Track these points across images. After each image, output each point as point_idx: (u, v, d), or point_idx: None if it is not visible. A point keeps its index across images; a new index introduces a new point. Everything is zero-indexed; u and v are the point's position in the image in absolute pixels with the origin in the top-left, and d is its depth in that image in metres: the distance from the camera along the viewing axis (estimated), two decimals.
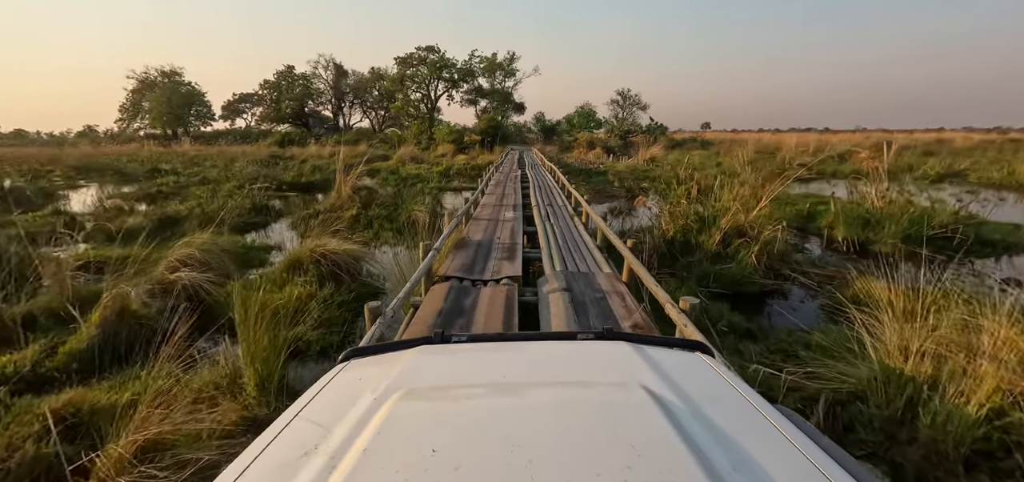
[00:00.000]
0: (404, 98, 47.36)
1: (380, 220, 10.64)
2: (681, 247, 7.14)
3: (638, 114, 48.98)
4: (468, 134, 39.88)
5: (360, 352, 1.23)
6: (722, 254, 6.81)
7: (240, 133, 57.91)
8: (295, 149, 37.43)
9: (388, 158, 30.38)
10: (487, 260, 5.72)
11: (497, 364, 1.11)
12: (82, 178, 24.24)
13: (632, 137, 42.39)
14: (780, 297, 6.30)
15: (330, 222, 10.71)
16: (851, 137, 41.40)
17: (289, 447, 0.77)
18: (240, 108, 63.56)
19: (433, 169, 23.59)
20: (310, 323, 4.89)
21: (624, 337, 1.21)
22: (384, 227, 10.24)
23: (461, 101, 49.91)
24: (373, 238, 9.73)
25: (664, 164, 23.07)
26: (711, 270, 6.43)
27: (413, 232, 10.33)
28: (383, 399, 0.86)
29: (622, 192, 16.78)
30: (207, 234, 8.09)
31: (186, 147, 41.99)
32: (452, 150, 35.46)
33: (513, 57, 47.73)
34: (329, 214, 11.19)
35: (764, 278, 6.36)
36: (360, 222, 10.61)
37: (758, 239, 6.62)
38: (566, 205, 10.52)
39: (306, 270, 6.04)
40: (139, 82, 57.82)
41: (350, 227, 10.50)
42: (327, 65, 56.81)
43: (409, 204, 11.14)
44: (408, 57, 46.37)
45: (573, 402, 0.85)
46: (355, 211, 11.05)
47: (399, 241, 9.77)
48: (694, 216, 7.43)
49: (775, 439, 0.77)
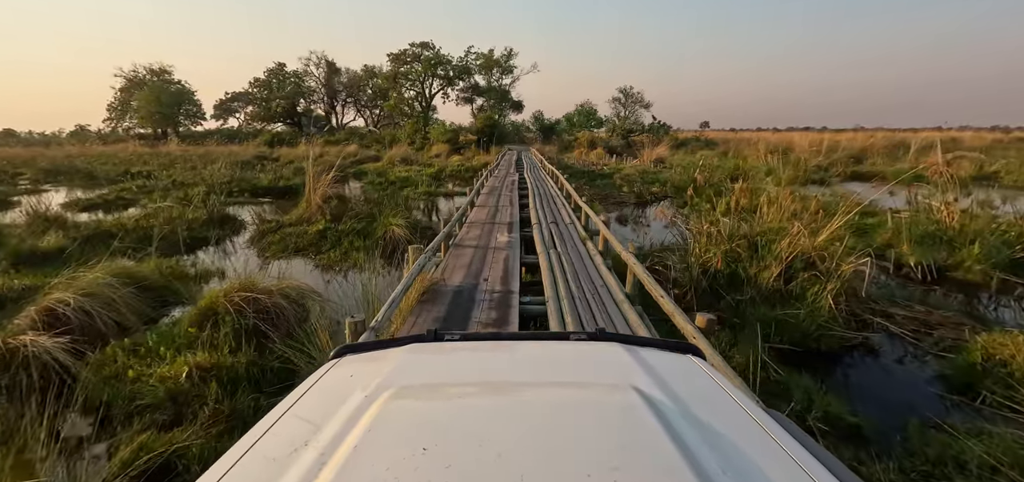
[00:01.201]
0: (397, 96, 45.54)
1: (351, 236, 8.97)
2: (727, 280, 5.50)
3: (641, 112, 47.27)
4: (463, 134, 38.11)
5: (352, 348, 1.21)
6: (783, 292, 5.18)
7: (229, 133, 56.28)
8: (284, 149, 35.87)
9: (380, 158, 28.75)
10: (466, 323, 4.04)
11: (490, 363, 1.11)
12: (50, 181, 22.74)
13: (634, 136, 40.74)
14: (867, 353, 4.65)
15: (293, 238, 9.08)
16: (854, 136, 39.71)
17: (279, 443, 0.76)
18: (233, 107, 61.61)
19: (424, 171, 21.88)
20: (202, 421, 3.25)
21: (617, 338, 1.20)
22: (355, 245, 8.57)
23: (457, 99, 48.09)
24: (340, 260, 8.06)
25: (674, 166, 21.43)
26: (771, 316, 4.80)
27: (392, 251, 8.69)
28: (374, 396, 0.85)
29: (631, 197, 15.07)
30: (121, 263, 6.45)
31: (172, 147, 40.60)
32: (447, 150, 33.73)
33: (511, 54, 45.92)
34: (293, 228, 9.53)
35: (845, 328, 4.72)
36: (328, 238, 8.94)
37: (833, 273, 4.98)
38: (575, 223, 8.40)
39: (222, 322, 4.38)
40: (127, 81, 56.18)
41: (316, 244, 8.84)
42: (319, 62, 55.02)
43: (386, 217, 9.45)
44: (402, 54, 44.53)
45: (565, 402, 0.84)
46: (323, 226, 9.38)
47: (371, 261, 8.11)
48: (742, 239, 5.77)
49: (766, 443, 0.76)
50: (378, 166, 25.01)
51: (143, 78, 56.62)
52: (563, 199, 11.27)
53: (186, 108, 59.34)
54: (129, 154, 33.05)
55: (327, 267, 7.88)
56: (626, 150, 36.28)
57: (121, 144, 45.25)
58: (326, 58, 54.75)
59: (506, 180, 15.36)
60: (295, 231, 9.29)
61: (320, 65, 55.09)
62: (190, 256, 8.64)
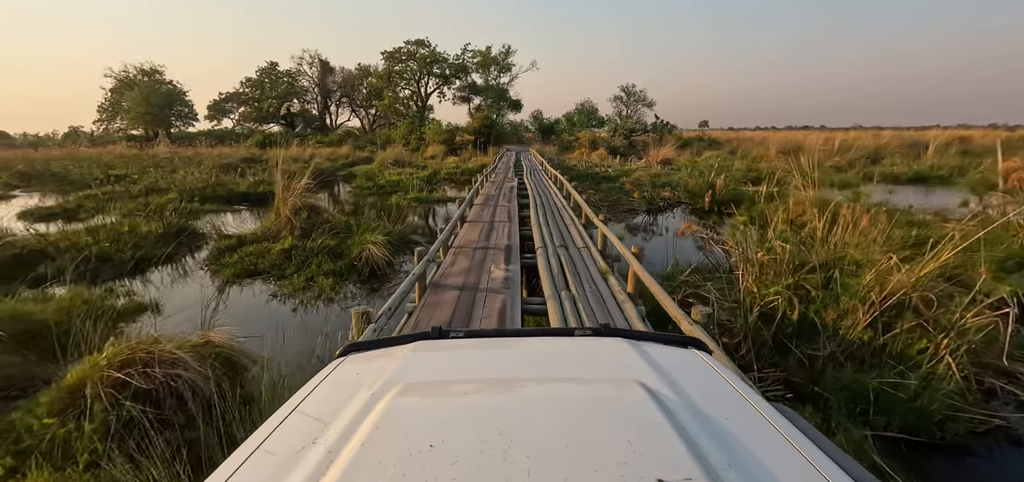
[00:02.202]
0: (391, 96, 44.09)
1: (321, 256, 7.61)
2: (794, 327, 4.15)
3: (643, 111, 45.87)
4: (460, 134, 36.68)
5: (357, 347, 1.20)
6: (874, 347, 3.85)
7: (222, 134, 54.97)
8: (276, 151, 34.51)
9: (372, 160, 27.36)
10: None
11: (494, 360, 1.10)
12: (23, 186, 21.47)
13: (636, 136, 39.37)
14: (1007, 443, 3.32)
15: (253, 259, 7.72)
16: (860, 135, 38.29)
17: (287, 441, 0.76)
18: (227, 108, 60.24)
19: (417, 175, 20.48)
20: None
21: (621, 333, 1.19)
22: (324, 267, 7.21)
23: (453, 98, 46.67)
24: (302, 289, 6.71)
25: (683, 167, 20.05)
26: (864, 382, 3.47)
27: (370, 274, 7.34)
28: (381, 394, 0.85)
29: (641, 204, 13.65)
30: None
31: (160, 149, 39.44)
32: (443, 151, 32.33)
33: (509, 51, 44.52)
34: (255, 247, 8.17)
35: (974, 405, 3.38)
36: (293, 259, 7.58)
37: (951, 324, 3.64)
38: (590, 246, 6.62)
39: (91, 415, 3.03)
40: (118, 81, 54.91)
41: (279, 266, 7.49)
42: (312, 61, 53.54)
43: (361, 233, 8.09)
44: (396, 51, 43.12)
45: (570, 398, 0.83)
46: (290, 243, 8.02)
47: (340, 290, 6.76)
48: (810, 272, 4.41)
49: (772, 436, 0.75)
50: (368, 169, 23.64)
51: (133, 78, 55.46)
52: (570, 212, 9.80)
53: (177, 109, 58.03)
54: (112, 157, 31.70)
55: (289, 296, 6.54)
56: (629, 150, 34.92)
57: (109, 146, 44.13)
58: (320, 56, 53.29)
59: (503, 186, 13.92)
60: (256, 250, 7.93)
61: (313, 64, 53.63)
62: (130, 281, 7.29)
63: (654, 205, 13.42)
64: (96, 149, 40.20)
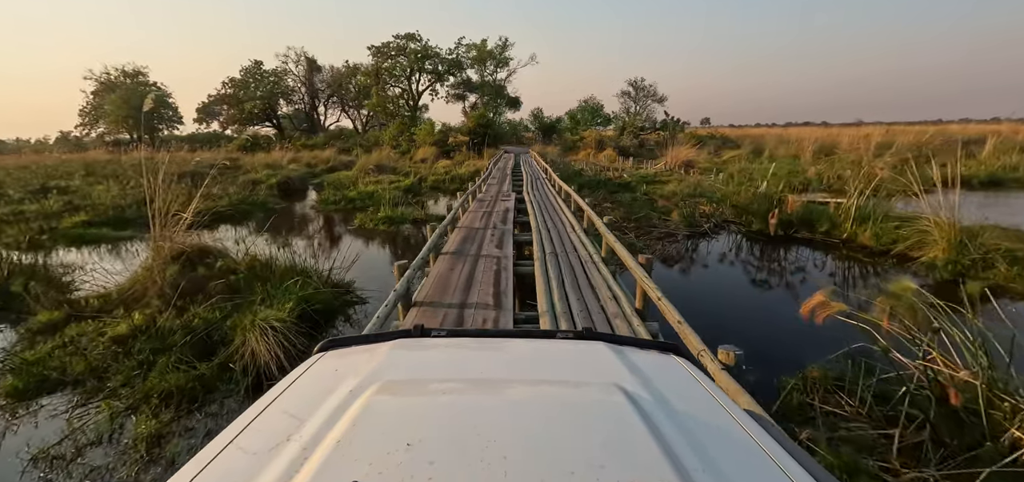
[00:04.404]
0: (380, 94, 40.85)
1: (181, 350, 4.49)
2: None
3: (653, 107, 42.63)
4: (453, 134, 33.48)
5: (336, 343, 1.18)
6: None
7: (209, 137, 52.05)
8: (260, 155, 31.42)
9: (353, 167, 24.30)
10: None
11: (475, 360, 1.09)
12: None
13: (646, 134, 36.23)
14: None
15: (70, 352, 4.62)
16: (888, 131, 34.97)
17: (261, 437, 0.74)
18: (215, 110, 57.31)
19: (397, 182, 17.34)
20: None
21: (602, 337, 1.19)
22: (169, 379, 4.10)
23: (447, 96, 43.46)
24: (111, 429, 3.59)
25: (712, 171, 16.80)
26: None
27: (255, 384, 4.27)
28: (359, 391, 0.83)
29: (680, 227, 10.20)
30: None
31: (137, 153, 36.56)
32: (434, 154, 29.22)
33: (506, 44, 41.34)
34: (87, 326, 5.06)
35: None
36: (133, 355, 4.47)
37: None
38: (633, 322, 3.89)
39: None
40: (99, 84, 52.29)
41: (101, 369, 4.39)
42: (298, 59, 50.49)
43: (250, 312, 4.90)
44: (384, 47, 39.92)
45: (549, 400, 0.83)
46: (139, 320, 4.90)
47: (180, 431, 3.66)
48: None
49: (745, 442, 0.76)
50: (345, 175, 20.49)
51: (115, 81, 52.86)
52: (595, 251, 6.36)
53: (160, 111, 55.18)
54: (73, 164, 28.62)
55: (86, 446, 3.44)
56: (640, 150, 31.78)
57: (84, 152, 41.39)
58: (306, 54, 50.21)
59: (496, 206, 10.36)
60: (83, 332, 4.82)
61: (299, 62, 50.57)
62: None
63: (695, 226, 10.20)
64: (67, 155, 37.52)
